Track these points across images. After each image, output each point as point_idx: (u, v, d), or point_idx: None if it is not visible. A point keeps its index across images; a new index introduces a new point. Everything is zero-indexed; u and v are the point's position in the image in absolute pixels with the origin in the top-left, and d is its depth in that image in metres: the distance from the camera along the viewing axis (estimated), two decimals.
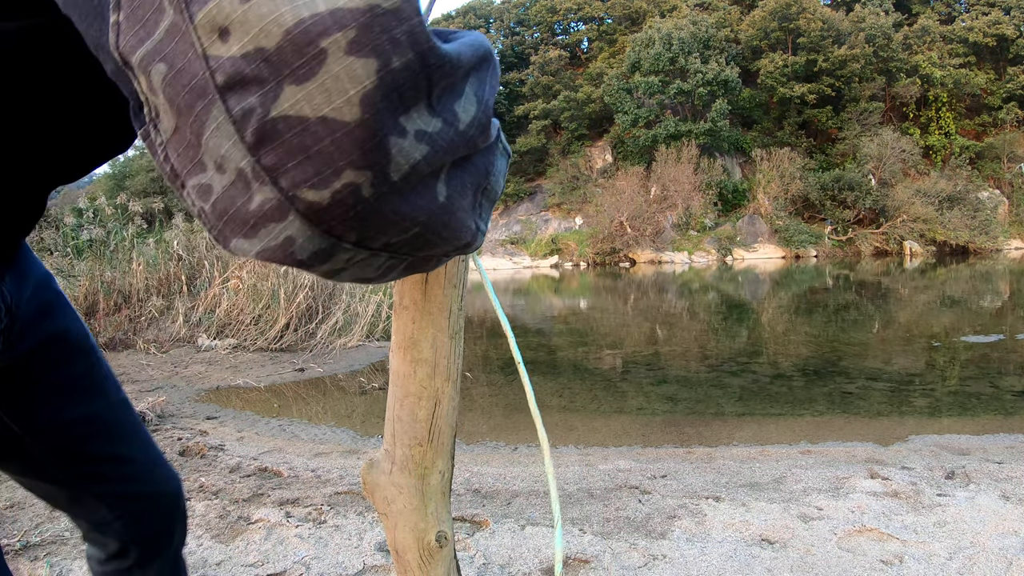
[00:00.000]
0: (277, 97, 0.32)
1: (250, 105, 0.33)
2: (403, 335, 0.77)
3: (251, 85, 0.33)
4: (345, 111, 0.33)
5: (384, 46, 0.32)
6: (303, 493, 2.53)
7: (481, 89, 0.40)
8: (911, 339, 7.49)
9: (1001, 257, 26.71)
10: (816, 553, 1.97)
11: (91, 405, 0.88)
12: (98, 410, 0.89)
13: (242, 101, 0.33)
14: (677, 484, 2.66)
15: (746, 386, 5.16)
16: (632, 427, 4.08)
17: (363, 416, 4.30)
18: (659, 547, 2.02)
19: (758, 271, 22.19)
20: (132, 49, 0.35)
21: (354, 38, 0.32)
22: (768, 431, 3.93)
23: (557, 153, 36.77)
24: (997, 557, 1.91)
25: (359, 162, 0.34)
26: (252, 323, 6.38)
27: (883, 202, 30.33)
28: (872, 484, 2.59)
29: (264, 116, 0.33)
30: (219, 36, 0.33)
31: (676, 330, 9.12)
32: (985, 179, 33.93)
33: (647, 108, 32.72)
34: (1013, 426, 3.91)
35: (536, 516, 2.31)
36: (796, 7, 33.37)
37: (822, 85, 33.38)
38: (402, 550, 0.79)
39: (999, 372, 5.43)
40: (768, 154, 31.32)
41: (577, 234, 30.94)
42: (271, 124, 0.33)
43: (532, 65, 39.43)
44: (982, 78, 35.12)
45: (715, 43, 33.53)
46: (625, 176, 31.07)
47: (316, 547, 2.03)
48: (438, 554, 0.78)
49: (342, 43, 0.32)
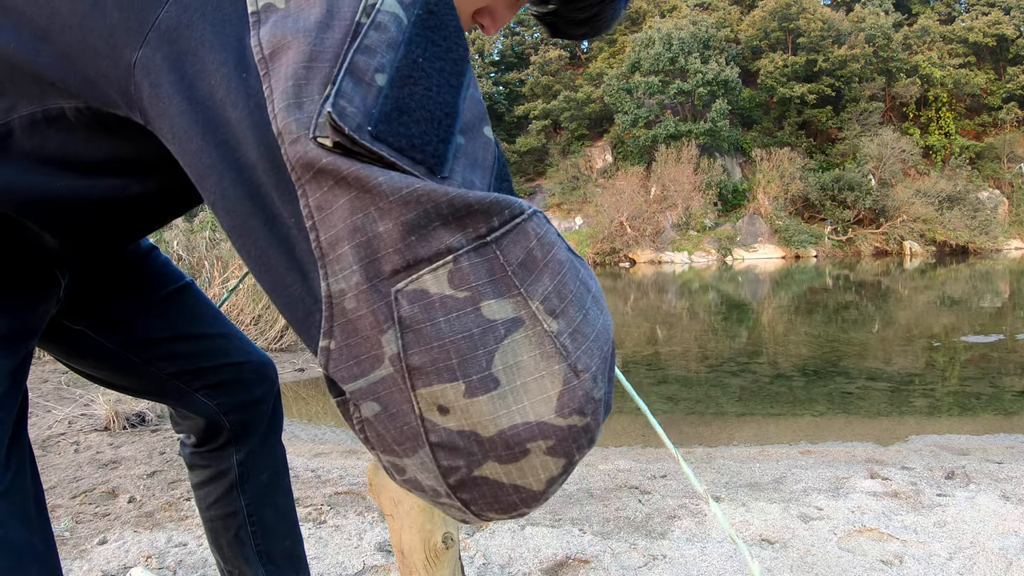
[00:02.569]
0: (481, 466, 0.39)
1: (456, 465, 0.39)
2: None
3: (460, 453, 0.39)
4: (534, 485, 0.40)
5: (572, 451, 0.40)
6: (303, 493, 2.53)
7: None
8: (911, 339, 7.49)
9: (1001, 257, 26.71)
10: (816, 553, 1.97)
11: (147, 295, 1.00)
12: (156, 298, 1.01)
13: (450, 459, 0.39)
14: (677, 484, 2.67)
15: (746, 386, 5.16)
16: (632, 427, 4.09)
17: None
18: (659, 547, 2.03)
19: (758, 271, 22.19)
20: (343, 379, 0.39)
21: (552, 446, 0.39)
22: (768, 431, 3.93)
23: (557, 153, 36.77)
24: (997, 557, 1.91)
25: (535, 504, 0.43)
26: (252, 323, 6.39)
27: (883, 202, 30.33)
28: (872, 484, 2.59)
29: (467, 475, 0.40)
30: (438, 410, 0.38)
31: (676, 330, 9.13)
32: (985, 179, 33.94)
33: (647, 108, 32.72)
34: (1013, 426, 3.92)
35: (536, 516, 2.31)
36: (796, 7, 33.36)
37: (822, 85, 33.39)
38: (408, 551, 0.79)
39: (999, 372, 5.43)
40: (768, 154, 31.32)
41: (577, 234, 30.94)
42: (472, 480, 0.40)
43: (532, 65, 39.43)
44: (982, 78, 35.12)
45: (715, 43, 33.52)
46: (625, 176, 31.07)
47: (316, 547, 2.03)
48: (444, 555, 0.79)
49: (543, 447, 0.39)
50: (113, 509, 2.34)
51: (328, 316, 0.38)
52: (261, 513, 1.17)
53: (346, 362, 0.39)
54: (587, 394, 0.39)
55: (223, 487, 1.14)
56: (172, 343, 1.02)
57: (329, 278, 0.37)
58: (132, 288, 0.99)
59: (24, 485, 0.76)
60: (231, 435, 1.11)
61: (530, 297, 0.38)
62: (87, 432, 3.28)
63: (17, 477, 0.74)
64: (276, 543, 1.20)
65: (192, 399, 1.06)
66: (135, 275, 1.00)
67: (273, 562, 1.19)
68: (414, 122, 0.38)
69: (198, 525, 2.21)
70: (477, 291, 0.37)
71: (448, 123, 0.39)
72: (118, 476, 2.69)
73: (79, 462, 2.86)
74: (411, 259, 0.36)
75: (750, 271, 22.46)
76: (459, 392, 0.37)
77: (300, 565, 1.25)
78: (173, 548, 2.01)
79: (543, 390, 0.38)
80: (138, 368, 1.00)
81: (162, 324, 1.01)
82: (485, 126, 0.43)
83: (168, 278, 1.04)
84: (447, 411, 0.38)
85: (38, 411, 3.56)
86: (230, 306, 6.40)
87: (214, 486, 1.15)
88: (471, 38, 40.82)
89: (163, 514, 2.28)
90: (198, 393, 1.06)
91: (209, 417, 1.08)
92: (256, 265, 0.42)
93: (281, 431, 1.20)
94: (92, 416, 3.45)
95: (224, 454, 1.13)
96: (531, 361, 0.38)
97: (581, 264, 0.43)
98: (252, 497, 1.16)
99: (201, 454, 1.14)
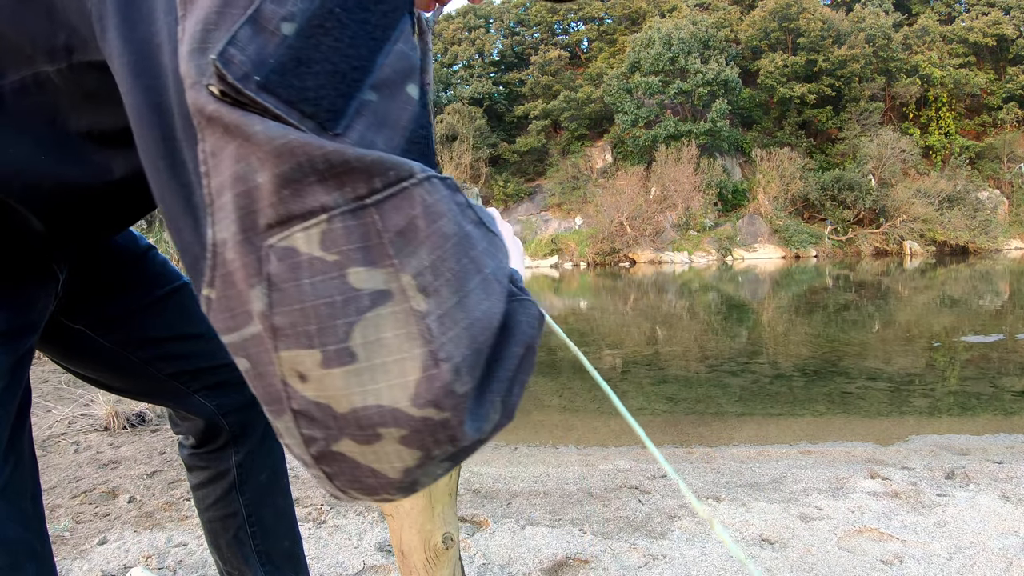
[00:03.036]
0: (338, 441, 0.37)
1: (315, 436, 0.38)
2: None
3: (318, 424, 0.37)
4: (390, 472, 0.39)
5: (429, 445, 0.38)
6: (303, 493, 2.53)
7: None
8: (911, 339, 7.49)
9: (1001, 257, 26.71)
10: (816, 553, 1.97)
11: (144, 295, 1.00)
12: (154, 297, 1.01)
13: (310, 429, 0.38)
14: (677, 484, 2.67)
15: (746, 386, 5.16)
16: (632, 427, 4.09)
17: None
18: (659, 547, 2.03)
19: (758, 271, 22.19)
20: (220, 330, 0.38)
21: (405, 436, 0.37)
22: (768, 431, 3.93)
23: (557, 153, 36.77)
24: (997, 557, 1.91)
25: (397, 492, 0.41)
26: None
27: (883, 202, 30.34)
28: (872, 484, 2.59)
29: (326, 447, 0.38)
30: (299, 376, 0.36)
31: (676, 330, 9.13)
32: (985, 179, 33.95)
33: (647, 108, 32.72)
34: (1013, 426, 3.92)
35: (536, 516, 2.31)
36: (796, 7, 33.37)
37: (822, 85, 33.40)
38: (408, 551, 0.79)
39: (999, 372, 5.43)
40: (768, 154, 31.33)
41: (577, 234, 30.94)
42: (331, 453, 0.38)
43: (532, 65, 39.43)
44: (982, 78, 35.13)
45: (715, 43, 33.53)
46: (625, 176, 31.07)
47: (316, 547, 2.03)
48: (444, 555, 0.79)
49: (395, 435, 0.37)
50: (113, 509, 2.34)
51: (211, 265, 0.37)
52: (260, 513, 1.17)
53: (223, 313, 0.37)
54: (446, 387, 0.36)
55: (222, 488, 1.14)
56: (171, 343, 1.02)
57: (215, 225, 0.36)
58: (131, 287, 0.99)
59: (22, 483, 0.76)
60: (230, 436, 1.11)
61: (402, 270, 0.36)
62: (87, 432, 3.28)
63: (14, 475, 0.74)
64: (275, 543, 1.20)
65: (191, 400, 1.06)
66: (134, 274, 1.00)
67: (272, 562, 1.19)
68: (312, 74, 0.36)
69: (198, 525, 2.21)
70: (347, 256, 0.35)
71: (355, 77, 0.38)
72: (118, 476, 2.69)
73: (79, 462, 2.86)
74: (284, 215, 0.35)
75: (750, 271, 22.46)
76: (316, 361, 0.35)
77: (299, 565, 1.25)
78: (173, 548, 2.01)
79: (401, 374, 0.36)
80: (136, 368, 1.00)
81: (160, 324, 1.01)
82: (410, 84, 0.40)
83: (166, 277, 1.04)
84: (306, 379, 0.36)
85: (38, 411, 3.56)
86: None
87: (213, 487, 1.15)
88: (471, 38, 40.87)
89: (163, 514, 2.28)
90: (197, 394, 1.06)
91: (208, 418, 1.08)
92: (166, 212, 0.42)
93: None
94: (92, 416, 3.45)
95: (223, 455, 1.13)
96: (395, 340, 0.36)
97: (486, 241, 0.40)
98: (251, 498, 1.16)
99: (200, 455, 1.14)
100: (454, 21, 41.99)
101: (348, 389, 0.36)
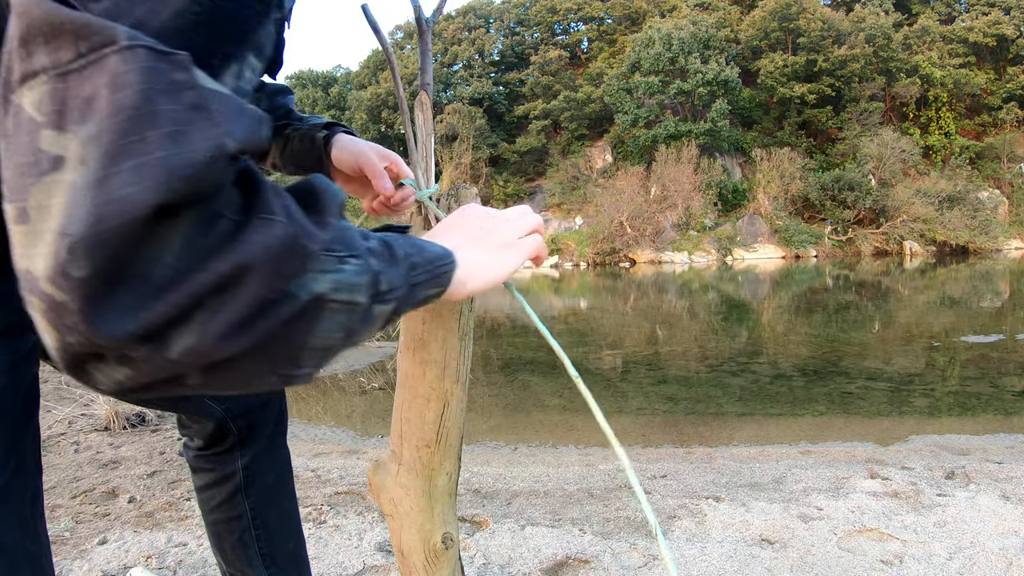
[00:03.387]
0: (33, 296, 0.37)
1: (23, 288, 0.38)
2: (412, 336, 0.77)
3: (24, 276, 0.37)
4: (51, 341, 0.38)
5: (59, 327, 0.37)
6: (303, 493, 2.53)
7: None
8: (911, 339, 7.49)
9: (1001, 257, 26.71)
10: (816, 553, 1.97)
11: None
12: None
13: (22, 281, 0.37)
14: (677, 484, 2.67)
15: (746, 386, 5.16)
16: (632, 427, 4.09)
17: (363, 416, 4.30)
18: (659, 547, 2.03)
19: (758, 271, 22.18)
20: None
21: (44, 310, 0.37)
22: (768, 431, 3.93)
23: (557, 153, 36.76)
24: (997, 557, 1.91)
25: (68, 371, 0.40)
26: None
27: (883, 202, 30.32)
28: (872, 484, 2.59)
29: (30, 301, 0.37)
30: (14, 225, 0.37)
31: (676, 330, 9.12)
32: (985, 179, 33.93)
33: (647, 108, 32.71)
34: (1013, 426, 3.92)
35: (536, 516, 2.31)
36: (796, 7, 33.35)
37: (822, 85, 33.38)
38: (407, 551, 0.79)
39: (999, 372, 5.43)
40: (768, 154, 31.31)
41: (577, 234, 30.93)
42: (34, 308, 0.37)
43: (532, 65, 39.40)
44: (982, 78, 35.11)
45: (715, 43, 33.52)
46: (625, 176, 31.06)
47: (316, 547, 2.03)
48: (443, 556, 0.79)
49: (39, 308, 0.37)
50: (113, 509, 2.34)
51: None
52: (265, 516, 1.16)
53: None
54: (60, 266, 0.35)
55: (227, 491, 1.14)
56: None
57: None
58: None
59: (23, 487, 0.74)
60: (237, 439, 1.10)
61: (76, 137, 0.36)
62: (87, 432, 3.28)
63: (15, 479, 0.73)
64: (280, 545, 1.19)
65: (200, 403, 1.05)
66: None
67: (276, 564, 1.19)
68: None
69: (198, 525, 2.20)
70: (47, 119, 0.36)
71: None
72: (118, 476, 2.69)
73: (79, 462, 2.86)
74: (22, 73, 0.36)
75: (750, 271, 22.45)
76: (11, 216, 0.37)
77: (302, 566, 1.25)
78: (173, 548, 2.01)
79: (45, 244, 0.35)
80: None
81: None
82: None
83: None
84: (11, 233, 0.37)
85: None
86: None
87: (218, 489, 1.14)
88: (471, 38, 40.88)
89: (163, 514, 2.28)
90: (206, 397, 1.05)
91: (217, 421, 1.07)
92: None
93: (286, 432, 1.20)
94: (92, 416, 3.45)
95: (229, 458, 1.12)
96: (55, 208, 0.36)
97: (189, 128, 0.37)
98: (257, 500, 1.15)
99: (206, 457, 1.13)
100: (454, 21, 41.97)
101: (23, 249, 0.36)
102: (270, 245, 0.40)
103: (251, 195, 0.42)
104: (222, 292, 0.38)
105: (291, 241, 0.41)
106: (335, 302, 0.44)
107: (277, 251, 0.40)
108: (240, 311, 0.39)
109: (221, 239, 0.39)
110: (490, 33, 42.34)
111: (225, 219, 0.39)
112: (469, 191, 0.79)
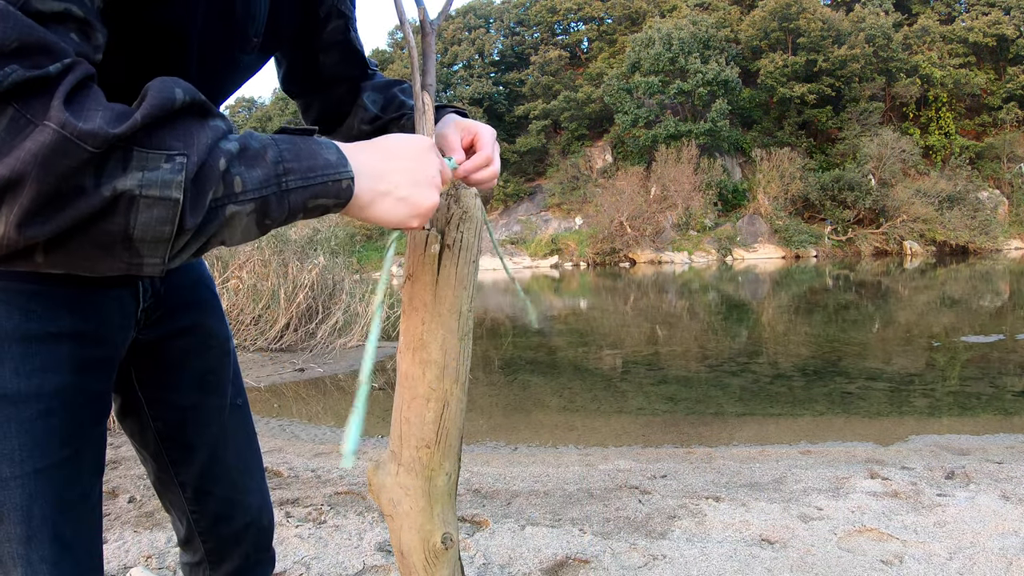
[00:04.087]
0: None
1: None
2: (412, 336, 0.77)
3: None
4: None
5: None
6: (303, 493, 2.53)
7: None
8: (911, 339, 7.49)
9: (1001, 257, 26.71)
10: (816, 553, 1.97)
11: (206, 398, 0.94)
12: (210, 405, 0.95)
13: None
14: (677, 484, 2.67)
15: (746, 386, 5.16)
16: (632, 427, 4.09)
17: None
18: (659, 547, 2.03)
19: (758, 271, 22.19)
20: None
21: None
22: (768, 431, 3.93)
23: (557, 153, 36.76)
24: (997, 557, 1.91)
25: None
26: (252, 323, 6.38)
27: (883, 202, 30.32)
28: (872, 484, 2.59)
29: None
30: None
31: (676, 330, 9.13)
32: (985, 179, 33.93)
33: (647, 108, 32.72)
34: (1013, 426, 3.92)
35: (536, 516, 2.31)
36: (796, 7, 33.35)
37: (822, 85, 33.38)
38: (407, 552, 0.79)
39: (999, 372, 5.43)
40: (768, 154, 31.31)
41: (577, 234, 30.93)
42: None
43: (532, 65, 39.41)
44: (982, 78, 35.11)
45: (715, 43, 33.52)
46: (625, 176, 31.06)
47: (316, 547, 2.03)
48: (443, 556, 0.79)
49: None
50: (113, 509, 2.34)
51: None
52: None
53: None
54: None
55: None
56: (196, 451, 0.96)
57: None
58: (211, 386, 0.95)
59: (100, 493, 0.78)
60: (205, 556, 1.01)
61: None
62: None
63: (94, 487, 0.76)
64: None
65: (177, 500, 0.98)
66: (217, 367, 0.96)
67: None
68: None
69: None
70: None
71: None
72: (118, 476, 2.69)
73: None
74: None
75: (750, 271, 22.46)
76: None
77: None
78: (173, 548, 2.01)
79: None
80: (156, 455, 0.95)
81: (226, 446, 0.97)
82: None
83: (237, 385, 1.00)
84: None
85: None
86: (230, 306, 6.40)
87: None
88: (471, 38, 40.87)
89: (163, 514, 2.28)
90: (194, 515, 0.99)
91: (186, 526, 0.99)
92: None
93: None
94: None
95: (199, 571, 1.03)
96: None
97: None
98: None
99: (183, 565, 1.05)
100: (454, 21, 41.96)
101: None
102: (37, 151, 0.44)
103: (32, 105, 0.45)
104: (8, 190, 0.44)
105: (61, 145, 0.45)
106: (147, 197, 0.48)
107: (45, 155, 0.44)
108: (27, 205, 0.45)
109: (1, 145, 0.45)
110: (490, 33, 42.33)
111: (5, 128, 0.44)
112: (468, 190, 0.79)
